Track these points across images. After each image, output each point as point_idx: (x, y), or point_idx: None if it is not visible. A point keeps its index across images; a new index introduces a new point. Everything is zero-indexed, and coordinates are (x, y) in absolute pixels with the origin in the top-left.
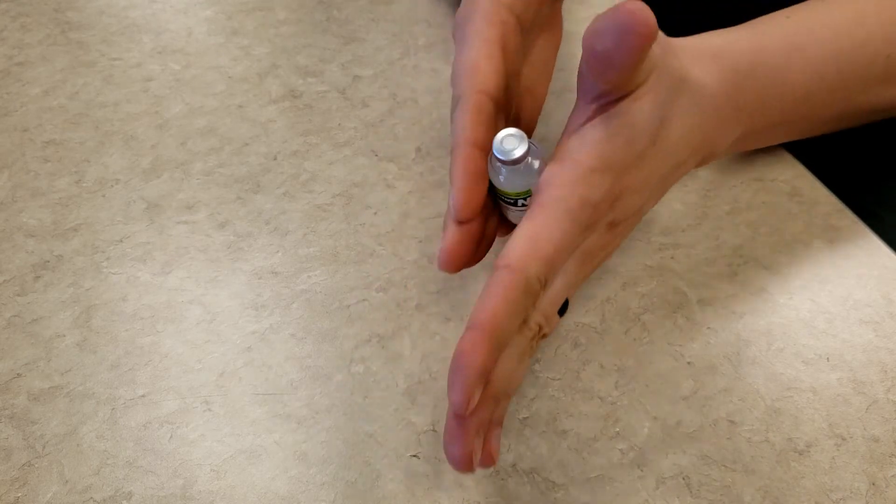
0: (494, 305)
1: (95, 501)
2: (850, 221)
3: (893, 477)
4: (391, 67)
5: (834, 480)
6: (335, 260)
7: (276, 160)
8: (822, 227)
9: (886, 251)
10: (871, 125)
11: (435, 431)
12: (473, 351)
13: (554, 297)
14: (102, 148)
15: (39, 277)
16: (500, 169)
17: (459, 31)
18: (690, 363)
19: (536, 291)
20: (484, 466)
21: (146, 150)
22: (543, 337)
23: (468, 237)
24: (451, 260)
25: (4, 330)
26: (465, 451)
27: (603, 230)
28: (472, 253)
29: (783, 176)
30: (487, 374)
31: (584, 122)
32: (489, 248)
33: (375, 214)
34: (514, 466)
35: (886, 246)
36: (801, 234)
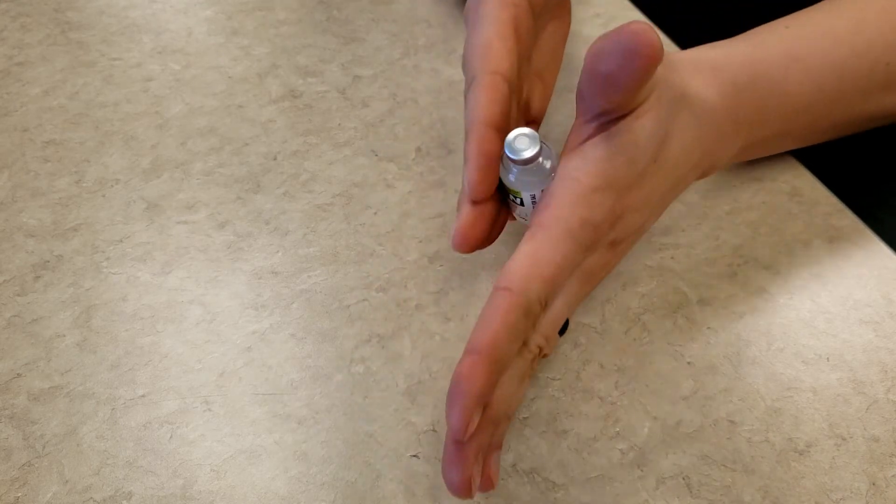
0: (494, 329)
1: (95, 501)
2: (850, 221)
3: (893, 477)
4: (391, 67)
5: (834, 480)
6: (335, 260)
7: (276, 160)
8: (822, 227)
9: (886, 251)
10: None
11: (435, 431)
12: (472, 375)
13: (555, 317)
14: (102, 148)
15: (39, 277)
16: (511, 168)
17: (472, 13)
18: (690, 363)
19: (537, 313)
20: (483, 490)
21: (146, 150)
22: (544, 357)
23: (483, 217)
24: (465, 240)
25: (4, 330)
26: (464, 477)
27: (604, 249)
28: (486, 233)
29: (783, 176)
30: (487, 398)
31: (584, 140)
32: (502, 228)
33: (375, 214)
34: (514, 466)
35: (886, 246)
36: (801, 234)
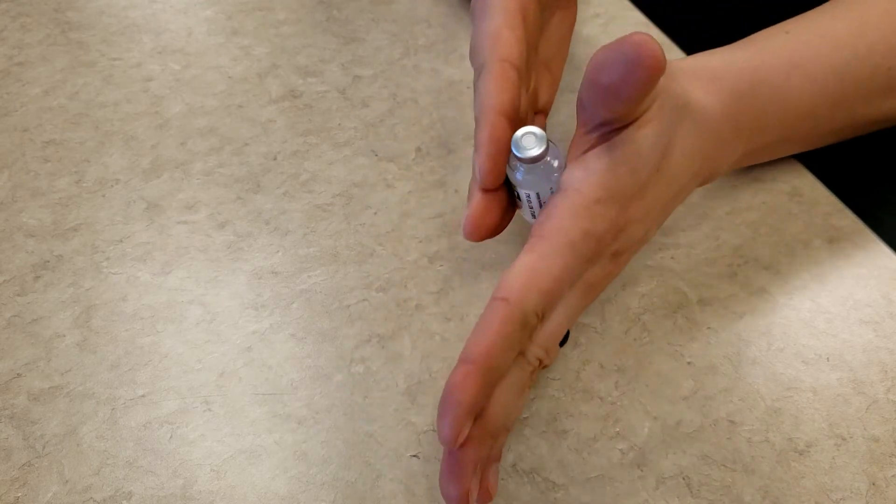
0: (489, 339)
1: (95, 501)
2: (850, 221)
3: (893, 477)
4: (391, 67)
5: (834, 480)
6: (335, 260)
7: (276, 160)
8: (822, 227)
9: (886, 251)
10: None
11: (435, 431)
12: (465, 385)
13: (555, 329)
14: (102, 148)
15: (39, 277)
16: (518, 166)
17: (479, 3)
18: (690, 363)
19: (533, 325)
20: (482, 503)
21: (146, 150)
22: (544, 368)
23: (493, 205)
24: (475, 228)
25: (4, 330)
26: (462, 491)
27: (606, 261)
28: (496, 221)
29: (783, 176)
30: (478, 408)
31: (585, 150)
32: (511, 218)
33: (375, 214)
34: (514, 466)
35: (886, 246)
36: (801, 234)
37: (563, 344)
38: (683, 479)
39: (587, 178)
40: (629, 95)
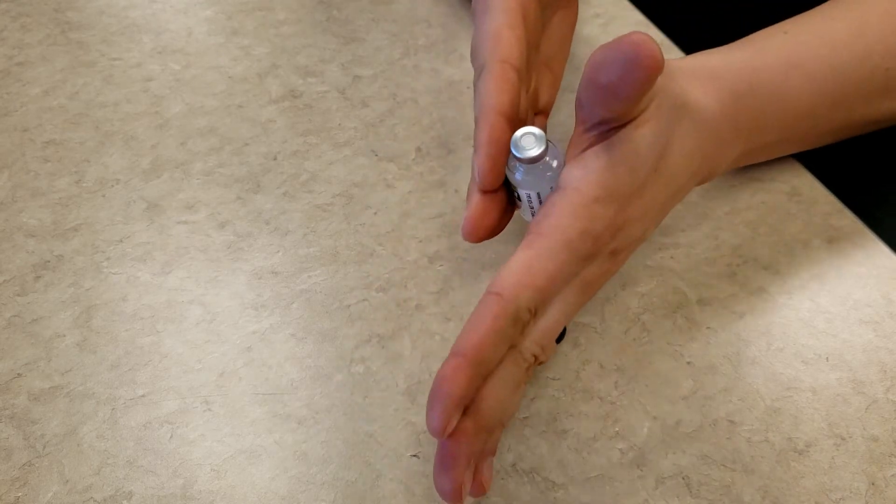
0: (480, 333)
1: (96, 501)
2: (849, 221)
3: (893, 477)
4: (391, 67)
5: (833, 480)
6: (335, 260)
7: (276, 160)
8: (821, 227)
9: (886, 251)
10: None
11: None
12: (454, 378)
13: (550, 326)
14: (102, 148)
15: (39, 277)
16: (517, 167)
17: (480, 3)
18: (690, 363)
19: (525, 321)
20: (475, 496)
21: (146, 150)
22: (540, 364)
23: (492, 206)
24: (474, 229)
25: (4, 330)
26: (455, 484)
27: (603, 259)
28: (496, 222)
29: (782, 176)
30: (467, 401)
31: (584, 149)
32: (510, 218)
33: (375, 214)
34: (514, 466)
35: (886, 246)
36: (800, 234)
37: (559, 341)
38: (683, 478)
39: (586, 176)
40: (627, 95)
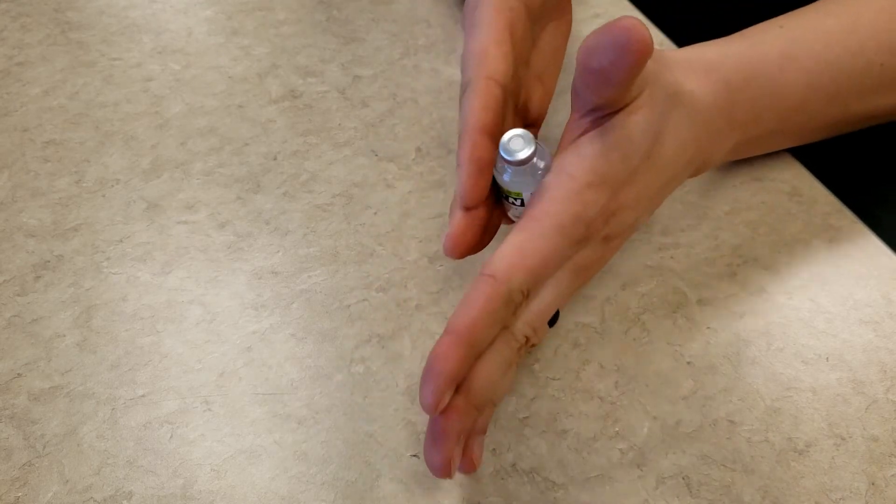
0: (473, 313)
1: (96, 501)
2: (849, 221)
3: (893, 476)
4: (391, 67)
5: (833, 480)
6: (335, 260)
7: (276, 160)
8: (821, 226)
9: (886, 251)
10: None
11: None
12: (447, 356)
13: (543, 308)
14: (102, 148)
15: (39, 277)
16: (505, 168)
17: (469, 17)
18: (690, 363)
19: (517, 303)
20: (465, 472)
21: (146, 150)
22: (532, 347)
23: (474, 223)
24: (456, 246)
25: (4, 330)
26: (445, 458)
27: (597, 244)
28: (478, 239)
29: (782, 176)
30: (459, 378)
31: (578, 135)
32: (495, 233)
33: (375, 214)
34: (514, 466)
35: (886, 245)
36: (800, 233)
37: (552, 324)
38: (683, 478)
39: (579, 162)
40: (618, 79)
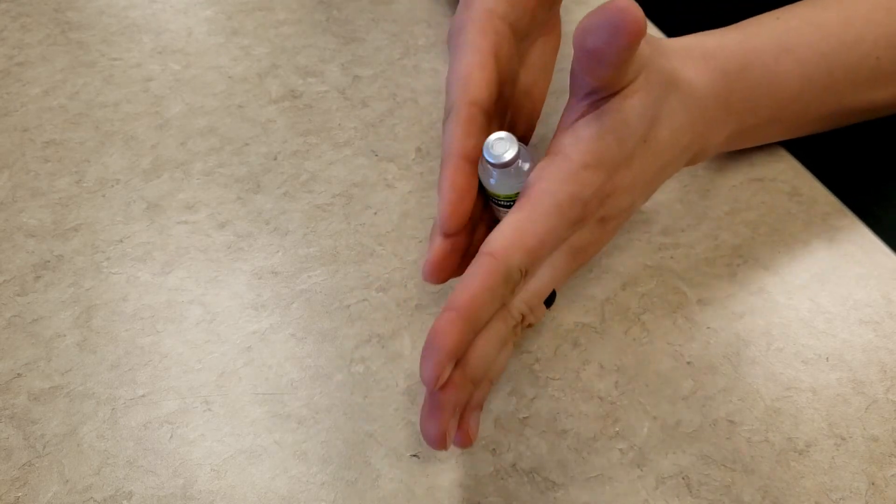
0: (473, 290)
1: (96, 501)
2: (849, 221)
3: (893, 476)
4: (391, 67)
5: (833, 480)
6: (335, 260)
7: (276, 160)
8: (821, 226)
9: (886, 251)
10: (869, 124)
11: None
12: (447, 331)
13: (540, 288)
14: (102, 148)
15: (40, 277)
16: (490, 171)
17: (453, 39)
18: (690, 363)
19: (516, 281)
20: (460, 446)
21: (146, 150)
22: (529, 327)
23: (454, 249)
24: (435, 271)
25: (4, 330)
26: (439, 429)
27: (593, 226)
28: (457, 264)
29: (782, 176)
30: (459, 353)
31: (576, 118)
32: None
33: (375, 214)
34: (514, 466)
35: (886, 245)
36: (800, 233)
37: (549, 305)
38: (683, 478)
39: (576, 144)
40: (612, 59)
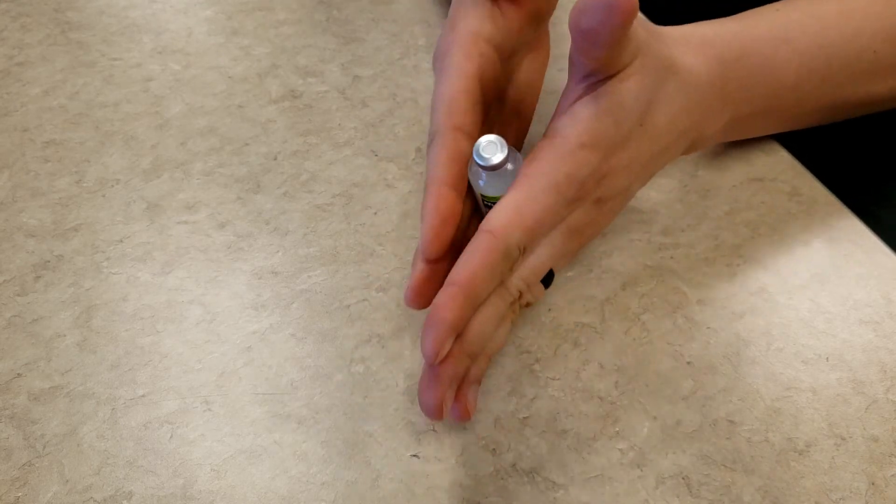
0: (473, 266)
1: (96, 501)
2: (849, 221)
3: (893, 476)
4: (391, 67)
5: (833, 480)
6: (335, 260)
7: (276, 160)
8: (821, 226)
9: (886, 251)
10: (869, 124)
11: (435, 431)
12: (447, 306)
13: (537, 265)
14: (102, 148)
15: (40, 277)
16: (480, 173)
17: (438, 62)
18: (690, 363)
19: (515, 257)
20: (459, 419)
21: (146, 150)
22: (527, 305)
23: (436, 275)
24: (417, 297)
25: (4, 330)
26: (436, 399)
27: (590, 206)
28: (439, 290)
29: (783, 176)
30: (459, 328)
31: (573, 100)
32: None
33: (375, 214)
34: (514, 466)
35: (886, 245)
36: (800, 233)
37: (547, 286)
38: (683, 478)
39: (573, 125)
40: (606, 40)
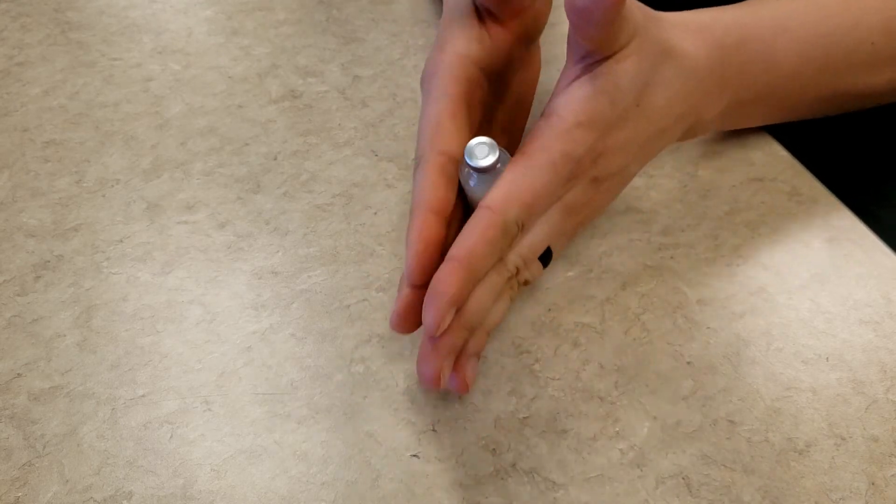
0: (473, 242)
1: (96, 501)
2: (849, 221)
3: (893, 476)
4: (391, 67)
5: (833, 480)
6: (335, 260)
7: (276, 160)
8: (821, 226)
9: (886, 251)
10: (869, 123)
11: (435, 431)
12: (448, 280)
13: (535, 242)
14: (102, 148)
15: (40, 277)
16: (471, 175)
17: (426, 84)
18: (690, 363)
19: (514, 233)
20: (458, 391)
21: (146, 150)
22: (525, 283)
23: (421, 299)
24: (403, 322)
25: (4, 330)
26: (434, 369)
27: (587, 185)
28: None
29: (782, 176)
30: (460, 302)
31: (571, 80)
32: None
33: (375, 214)
34: (514, 466)
35: (886, 245)
36: (800, 233)
37: (546, 264)
38: (683, 478)
39: (569, 104)
40: (600, 18)
